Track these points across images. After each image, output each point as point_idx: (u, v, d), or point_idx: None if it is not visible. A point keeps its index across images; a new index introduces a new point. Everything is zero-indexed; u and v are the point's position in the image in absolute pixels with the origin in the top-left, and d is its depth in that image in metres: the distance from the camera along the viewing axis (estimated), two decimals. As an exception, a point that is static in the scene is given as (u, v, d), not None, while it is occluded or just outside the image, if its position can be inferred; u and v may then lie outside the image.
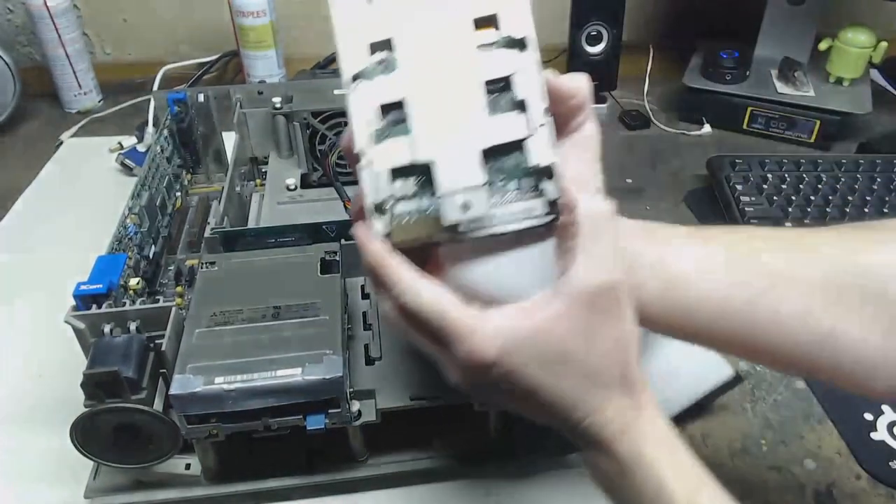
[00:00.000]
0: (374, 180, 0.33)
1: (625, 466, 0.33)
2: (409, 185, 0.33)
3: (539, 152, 0.32)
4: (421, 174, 0.33)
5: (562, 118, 0.35)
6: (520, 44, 0.34)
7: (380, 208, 0.33)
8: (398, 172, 0.33)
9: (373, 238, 0.33)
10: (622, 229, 0.37)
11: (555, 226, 0.33)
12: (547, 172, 0.32)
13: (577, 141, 0.35)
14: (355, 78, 0.34)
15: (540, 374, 0.32)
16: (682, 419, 0.56)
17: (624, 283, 0.33)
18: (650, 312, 0.37)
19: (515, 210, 0.33)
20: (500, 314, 0.32)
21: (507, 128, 0.33)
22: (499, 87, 0.33)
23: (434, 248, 0.34)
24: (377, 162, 0.33)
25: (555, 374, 0.32)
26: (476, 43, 0.34)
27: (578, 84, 0.35)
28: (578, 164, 0.35)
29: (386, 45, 0.34)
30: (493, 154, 0.33)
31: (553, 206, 0.33)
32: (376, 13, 0.35)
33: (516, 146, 0.33)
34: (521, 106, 0.33)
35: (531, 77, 0.33)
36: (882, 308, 0.34)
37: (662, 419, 0.34)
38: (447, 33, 0.34)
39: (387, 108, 0.34)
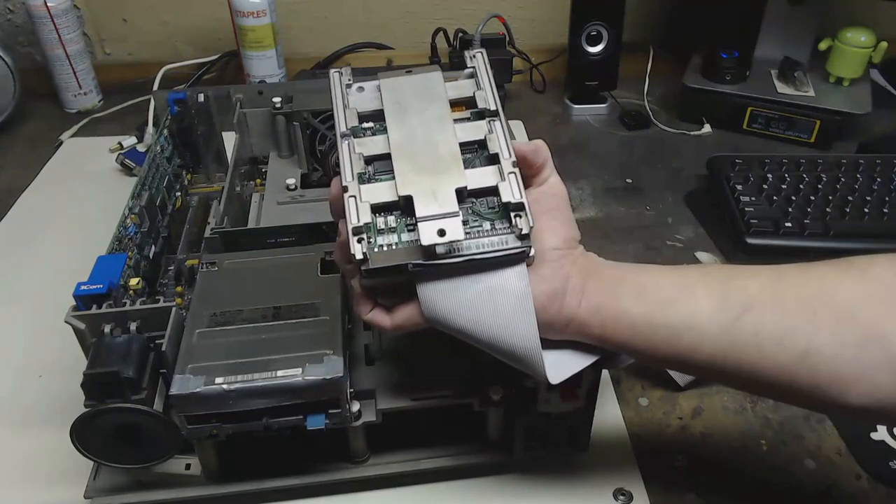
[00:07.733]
0: (356, 209, 0.37)
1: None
2: (389, 220, 0.37)
3: (510, 192, 0.37)
4: (401, 210, 0.37)
5: (529, 176, 0.41)
6: (492, 114, 0.41)
7: (358, 232, 0.36)
8: (380, 209, 0.37)
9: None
10: (600, 263, 0.41)
11: (525, 255, 0.36)
12: (519, 207, 0.36)
13: (545, 191, 0.41)
14: (345, 136, 0.39)
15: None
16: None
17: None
18: (637, 340, 0.39)
19: (488, 242, 0.36)
20: None
21: (481, 177, 0.38)
22: (473, 149, 0.39)
23: (409, 283, 0.37)
24: (360, 196, 0.37)
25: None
26: (453, 117, 0.40)
27: (539, 148, 0.40)
28: (546, 212, 0.40)
29: (376, 115, 0.40)
30: (468, 197, 0.37)
31: (525, 238, 0.36)
32: (367, 94, 0.42)
33: (490, 191, 0.37)
34: (493, 160, 0.38)
35: (501, 137, 0.39)
36: (855, 327, 0.36)
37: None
38: (428, 108, 0.40)
39: (372, 160, 0.39)
